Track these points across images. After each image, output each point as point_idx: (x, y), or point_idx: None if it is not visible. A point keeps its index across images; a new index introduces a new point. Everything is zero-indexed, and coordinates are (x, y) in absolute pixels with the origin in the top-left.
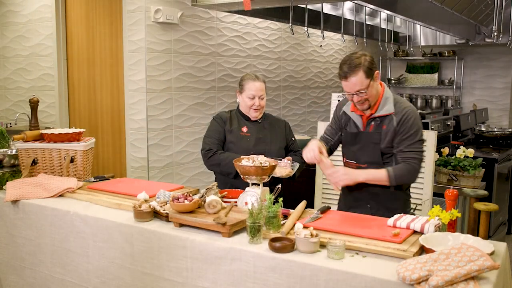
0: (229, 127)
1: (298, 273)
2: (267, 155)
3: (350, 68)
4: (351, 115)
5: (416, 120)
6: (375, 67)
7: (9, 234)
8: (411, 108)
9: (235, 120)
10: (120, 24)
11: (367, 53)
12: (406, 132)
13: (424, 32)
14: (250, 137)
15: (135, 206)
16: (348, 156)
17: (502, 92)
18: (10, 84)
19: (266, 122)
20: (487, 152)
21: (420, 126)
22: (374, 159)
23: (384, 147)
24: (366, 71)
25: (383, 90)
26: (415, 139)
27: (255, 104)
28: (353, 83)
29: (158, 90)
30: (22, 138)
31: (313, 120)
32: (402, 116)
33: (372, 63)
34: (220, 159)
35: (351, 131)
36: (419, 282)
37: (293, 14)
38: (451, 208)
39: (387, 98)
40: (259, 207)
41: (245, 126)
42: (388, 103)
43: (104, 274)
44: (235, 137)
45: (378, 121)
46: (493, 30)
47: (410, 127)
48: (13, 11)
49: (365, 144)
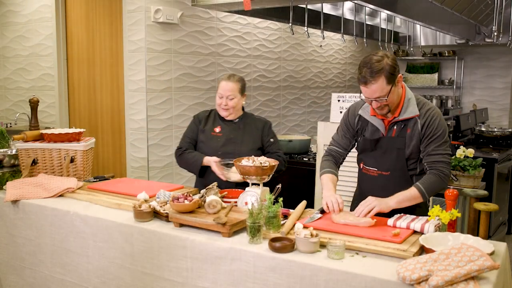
0: (202, 127)
1: (298, 273)
2: (235, 155)
3: (371, 74)
4: (371, 119)
5: (442, 121)
6: (398, 71)
7: (9, 234)
8: (435, 108)
9: (211, 119)
10: (120, 24)
11: (389, 53)
12: (433, 133)
13: (424, 32)
14: (220, 137)
15: (135, 206)
16: (367, 163)
17: (502, 92)
18: (10, 84)
19: (242, 123)
20: (487, 152)
21: (446, 126)
22: (398, 166)
23: (409, 152)
24: (387, 76)
25: (404, 91)
26: (441, 140)
27: (222, 103)
28: (373, 90)
29: (158, 90)
30: (22, 138)
31: (313, 120)
32: (427, 118)
33: (395, 67)
34: (186, 158)
35: (372, 137)
36: (419, 282)
37: (293, 14)
38: (451, 208)
39: (410, 100)
40: (259, 207)
41: (219, 126)
42: (411, 104)
43: (104, 274)
44: (206, 136)
45: (402, 125)
46: (493, 30)
47: (437, 128)
48: (13, 11)
49: (388, 150)
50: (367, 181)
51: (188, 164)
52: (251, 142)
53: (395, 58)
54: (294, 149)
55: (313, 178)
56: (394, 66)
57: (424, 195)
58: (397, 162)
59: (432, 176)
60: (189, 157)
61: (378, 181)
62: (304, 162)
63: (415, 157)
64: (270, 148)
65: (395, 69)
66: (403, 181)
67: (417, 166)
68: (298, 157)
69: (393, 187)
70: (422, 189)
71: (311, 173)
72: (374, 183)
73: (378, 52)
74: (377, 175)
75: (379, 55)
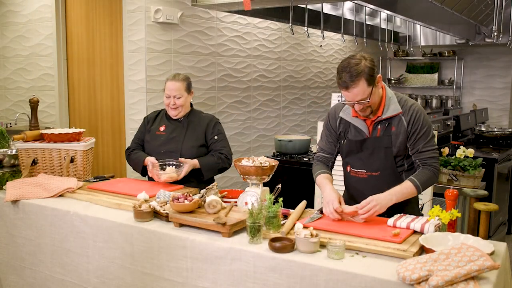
0: (148, 127)
1: (298, 273)
2: (177, 153)
3: (351, 78)
4: (353, 121)
5: (426, 116)
6: (377, 72)
7: (9, 234)
8: (417, 104)
9: (158, 119)
10: (120, 24)
11: (366, 55)
12: (419, 130)
13: (424, 32)
14: (163, 136)
15: (135, 206)
16: (354, 165)
17: (502, 92)
18: (10, 84)
19: (187, 120)
20: (487, 152)
21: (430, 121)
22: (387, 164)
23: (397, 150)
24: (367, 78)
25: (384, 90)
26: (429, 136)
27: (170, 103)
28: (354, 94)
29: (158, 90)
30: (22, 138)
31: (313, 120)
32: (411, 115)
33: (373, 68)
34: (131, 158)
35: (356, 138)
36: (419, 282)
37: (293, 14)
38: (451, 208)
39: (390, 98)
40: (259, 207)
41: (164, 125)
42: (392, 102)
43: (104, 274)
44: (151, 136)
45: (386, 124)
46: (493, 30)
47: (423, 125)
48: (13, 11)
49: (376, 150)
50: (356, 183)
51: (133, 163)
52: (193, 139)
53: (373, 59)
54: (294, 149)
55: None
56: (373, 67)
57: (419, 189)
58: (386, 161)
59: (427, 172)
60: (134, 157)
61: (369, 182)
62: (304, 162)
63: (402, 154)
64: (214, 146)
65: (374, 70)
66: (394, 179)
67: (404, 162)
68: (298, 157)
69: (384, 187)
70: (417, 184)
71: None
72: (365, 185)
73: (355, 55)
74: (367, 177)
75: (357, 58)
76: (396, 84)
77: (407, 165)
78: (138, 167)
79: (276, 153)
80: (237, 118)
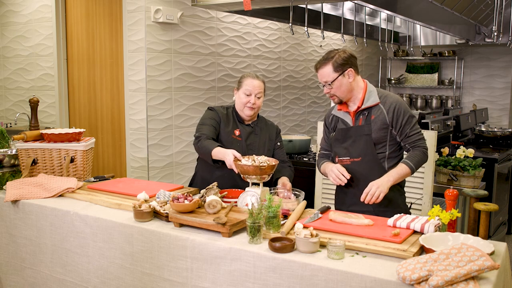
0: (223, 126)
1: (298, 273)
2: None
3: (321, 61)
4: (338, 114)
5: (405, 106)
6: (349, 65)
7: (9, 234)
8: (396, 97)
9: (230, 119)
10: (120, 24)
11: (348, 50)
12: (402, 119)
13: (424, 32)
14: (240, 142)
15: (135, 206)
16: (340, 154)
17: (502, 92)
18: (10, 84)
19: (258, 128)
20: (487, 152)
21: (409, 109)
22: (367, 150)
23: (376, 137)
24: (334, 65)
25: (366, 85)
26: (412, 121)
27: (250, 101)
28: (321, 74)
29: (158, 90)
30: (22, 138)
31: (313, 120)
32: (391, 107)
33: (346, 60)
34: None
35: (341, 127)
36: (419, 282)
37: (293, 14)
38: (451, 208)
39: (371, 92)
40: (259, 207)
41: (238, 129)
42: (372, 95)
43: (104, 274)
44: (227, 139)
45: (366, 113)
46: (493, 30)
47: (404, 113)
48: (13, 11)
49: (357, 137)
50: None
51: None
52: (266, 148)
53: (350, 56)
54: (294, 149)
55: (313, 178)
56: (345, 59)
57: (413, 169)
58: (366, 147)
59: (418, 152)
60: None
61: (352, 168)
62: (304, 162)
63: (381, 141)
64: (278, 156)
65: (346, 62)
66: (374, 165)
67: (387, 149)
68: (298, 157)
69: (365, 171)
70: (411, 164)
71: (311, 173)
72: (349, 171)
73: (339, 49)
74: (350, 163)
75: (337, 50)
76: (396, 84)
77: (388, 152)
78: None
79: None
80: None
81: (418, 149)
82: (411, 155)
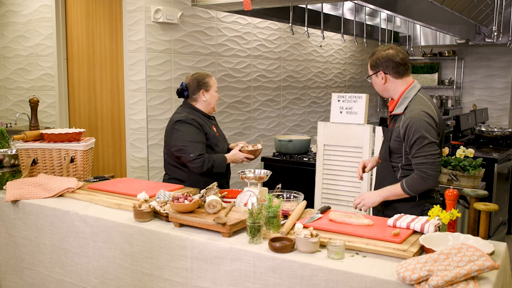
0: (208, 131)
1: (298, 273)
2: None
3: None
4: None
5: (419, 124)
6: (380, 66)
7: (9, 234)
8: (416, 113)
9: (205, 122)
10: (120, 24)
11: (394, 53)
12: (412, 138)
13: (424, 32)
14: (220, 136)
15: (135, 206)
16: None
17: (502, 92)
18: (10, 84)
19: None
20: (487, 152)
21: (426, 129)
22: (385, 156)
23: (392, 145)
24: (371, 64)
25: (405, 90)
26: (422, 143)
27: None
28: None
29: (158, 90)
30: (22, 138)
31: (313, 120)
32: (405, 122)
33: (378, 61)
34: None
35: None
36: (419, 282)
37: (293, 14)
38: (451, 208)
39: (406, 98)
40: (259, 207)
41: (213, 126)
42: (404, 103)
43: (103, 274)
44: (213, 141)
45: (394, 120)
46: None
47: (415, 133)
48: (13, 11)
49: (384, 140)
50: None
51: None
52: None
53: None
54: (294, 149)
55: (313, 178)
56: (378, 61)
57: (405, 190)
58: (385, 153)
59: (415, 176)
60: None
61: (377, 167)
62: (304, 162)
63: (396, 151)
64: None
65: (378, 64)
66: (387, 172)
67: (402, 160)
68: (298, 157)
69: (381, 175)
70: (404, 185)
71: (311, 173)
72: (376, 169)
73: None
74: (379, 162)
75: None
76: None
77: (402, 164)
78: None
79: (276, 153)
80: (237, 118)
81: (416, 173)
82: (408, 178)
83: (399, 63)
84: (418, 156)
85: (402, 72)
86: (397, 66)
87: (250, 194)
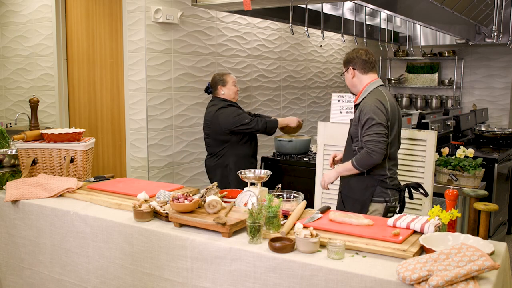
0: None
1: (298, 273)
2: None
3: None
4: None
5: (370, 109)
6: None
7: (9, 234)
8: (370, 101)
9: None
10: (120, 24)
11: (363, 52)
12: (362, 119)
13: (424, 32)
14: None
15: (135, 206)
16: None
17: (502, 92)
18: (10, 84)
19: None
20: (487, 152)
21: (375, 112)
22: (348, 140)
23: (351, 131)
24: (344, 61)
25: (367, 84)
26: (370, 123)
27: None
28: None
29: (158, 90)
30: (22, 138)
31: (313, 120)
32: (360, 107)
33: (349, 60)
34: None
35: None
36: (419, 282)
37: (293, 14)
38: (451, 208)
39: (366, 91)
40: (259, 207)
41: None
42: (364, 94)
43: (103, 274)
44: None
45: (356, 109)
46: (493, 30)
47: (365, 114)
48: (13, 11)
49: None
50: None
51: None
52: None
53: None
54: (294, 149)
55: (313, 178)
56: (348, 58)
57: (355, 165)
58: (348, 137)
59: (363, 152)
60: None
61: (343, 152)
62: (304, 162)
63: (355, 136)
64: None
65: (349, 61)
66: (350, 154)
67: (359, 144)
68: (298, 157)
69: (345, 159)
70: (353, 161)
71: (311, 173)
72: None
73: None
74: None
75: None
76: (396, 84)
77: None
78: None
79: (276, 153)
80: None
81: (364, 149)
82: (358, 154)
83: (365, 60)
84: (366, 135)
85: (368, 69)
86: (363, 63)
87: (250, 194)
